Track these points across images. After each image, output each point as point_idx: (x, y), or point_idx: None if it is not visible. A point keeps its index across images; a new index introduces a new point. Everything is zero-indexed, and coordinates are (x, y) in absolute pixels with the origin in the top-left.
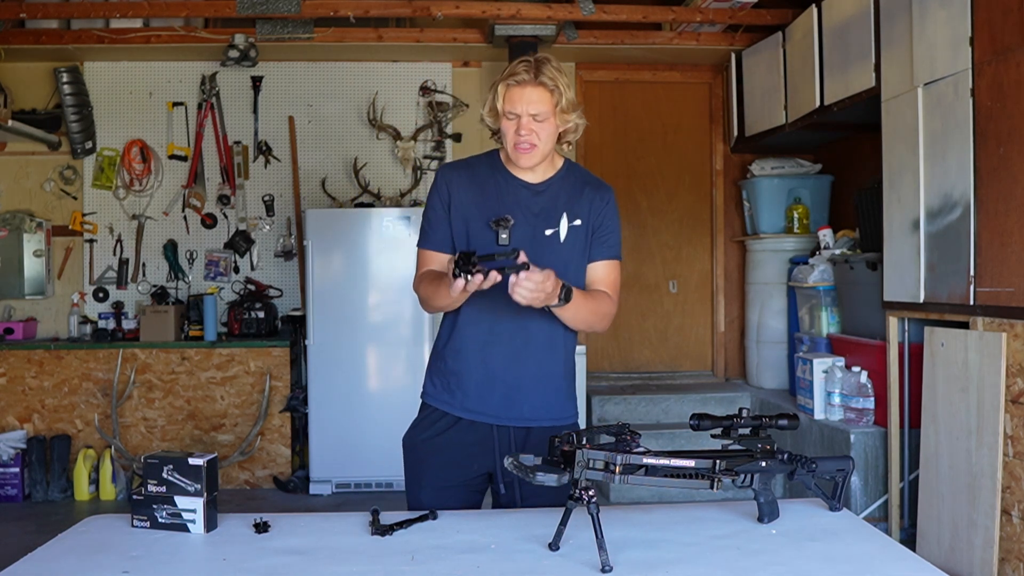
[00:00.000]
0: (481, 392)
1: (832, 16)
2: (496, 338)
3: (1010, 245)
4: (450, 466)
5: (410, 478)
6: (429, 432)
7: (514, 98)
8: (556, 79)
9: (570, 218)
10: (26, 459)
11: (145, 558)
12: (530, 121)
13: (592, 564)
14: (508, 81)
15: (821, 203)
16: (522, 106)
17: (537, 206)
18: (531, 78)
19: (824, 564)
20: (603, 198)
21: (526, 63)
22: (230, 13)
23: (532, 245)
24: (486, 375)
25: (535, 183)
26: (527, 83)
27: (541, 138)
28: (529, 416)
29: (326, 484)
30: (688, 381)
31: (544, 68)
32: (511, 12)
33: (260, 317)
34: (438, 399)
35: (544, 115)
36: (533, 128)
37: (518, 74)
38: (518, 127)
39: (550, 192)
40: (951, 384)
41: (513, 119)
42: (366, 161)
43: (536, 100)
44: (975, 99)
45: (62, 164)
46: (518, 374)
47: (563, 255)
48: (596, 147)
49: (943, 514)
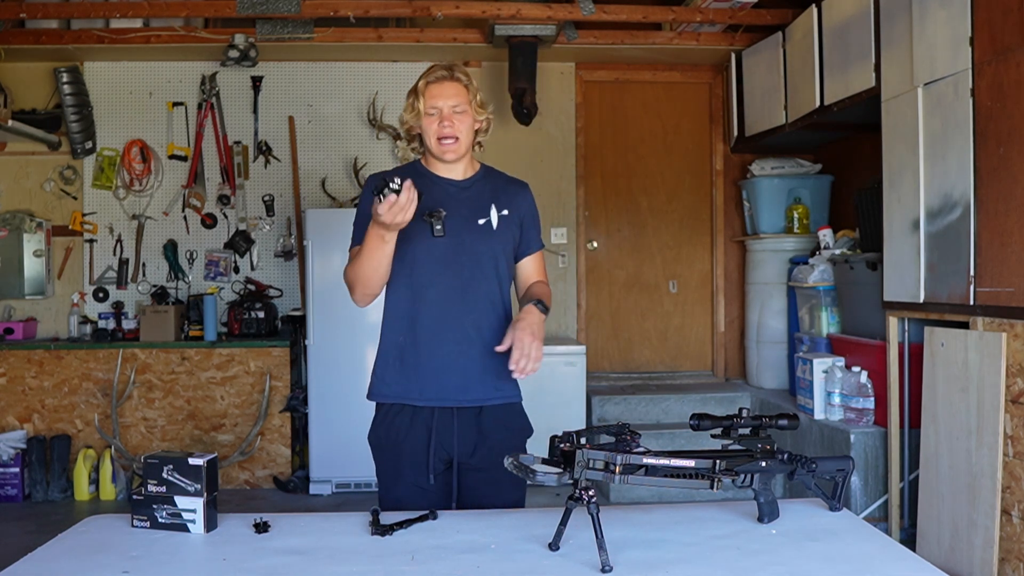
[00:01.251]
0: (439, 378)
1: (832, 16)
2: (446, 326)
3: (1010, 245)
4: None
5: (384, 477)
6: (393, 426)
7: (434, 93)
8: (469, 77)
9: (499, 208)
10: (26, 459)
11: (145, 558)
12: (451, 113)
13: (592, 564)
14: (428, 78)
15: (821, 203)
16: (442, 100)
17: (466, 199)
18: (447, 74)
19: (824, 564)
20: (525, 194)
21: (438, 65)
22: (230, 13)
23: (467, 234)
24: (442, 363)
25: (460, 180)
26: (445, 79)
27: (461, 131)
28: (482, 396)
29: (326, 484)
30: (688, 381)
31: (456, 67)
32: (511, 12)
33: (260, 317)
34: (395, 395)
35: (462, 107)
36: (454, 120)
37: (435, 71)
38: (440, 119)
39: (476, 188)
40: (951, 384)
41: (435, 114)
42: (366, 161)
43: (454, 94)
44: (975, 99)
45: (62, 164)
46: (466, 354)
47: (496, 243)
48: (596, 147)
49: (943, 514)
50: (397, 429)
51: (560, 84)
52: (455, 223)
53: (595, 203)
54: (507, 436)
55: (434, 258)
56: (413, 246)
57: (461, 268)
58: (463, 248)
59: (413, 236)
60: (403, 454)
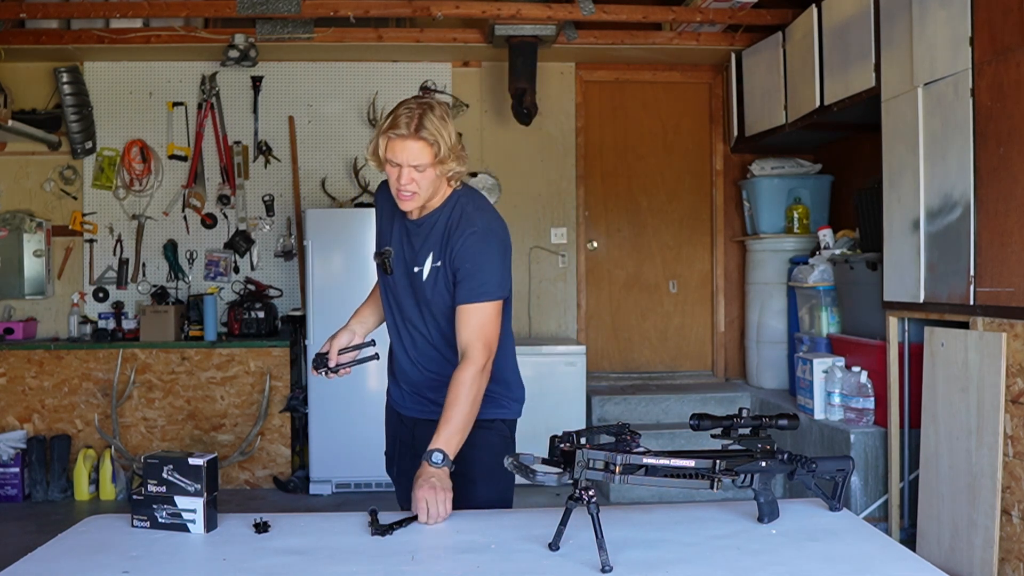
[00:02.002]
0: (399, 388)
1: (832, 16)
2: (400, 342)
3: (1010, 245)
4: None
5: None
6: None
7: (395, 149)
8: (438, 131)
9: (434, 259)
10: (26, 459)
11: (145, 558)
12: (411, 171)
13: (592, 564)
14: (389, 134)
15: (821, 203)
16: (403, 157)
17: (414, 241)
18: (411, 132)
19: (824, 564)
20: (463, 242)
21: (407, 113)
22: (230, 13)
23: (404, 278)
24: (400, 373)
25: (414, 219)
26: (407, 136)
27: (421, 186)
28: (431, 409)
29: (326, 484)
30: (688, 381)
31: (426, 120)
32: (511, 12)
33: (260, 317)
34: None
35: (423, 166)
36: (414, 177)
37: (399, 127)
38: (399, 175)
39: (422, 230)
40: (951, 384)
41: (395, 167)
42: (366, 161)
43: (416, 153)
44: (975, 99)
45: (62, 164)
46: (418, 373)
47: (426, 293)
48: (596, 147)
49: (943, 514)
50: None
51: (560, 84)
52: (397, 267)
53: (595, 203)
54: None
55: (389, 290)
56: (381, 276)
57: (401, 307)
58: (403, 291)
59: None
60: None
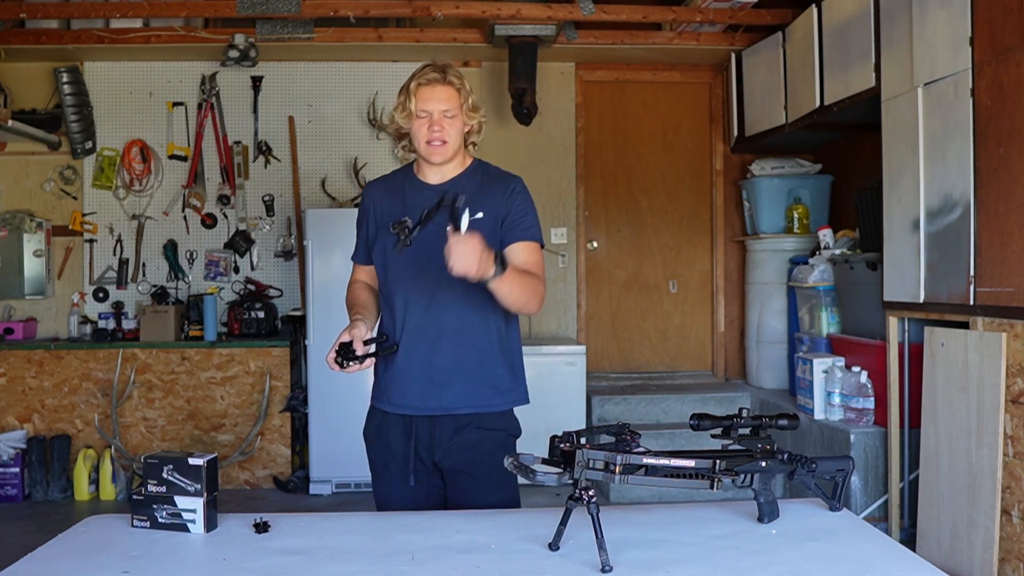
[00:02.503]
0: (401, 386)
1: (832, 16)
2: (410, 333)
3: (1010, 245)
4: (388, 460)
5: (371, 474)
6: (372, 428)
7: (426, 96)
8: (462, 79)
9: (472, 212)
10: (26, 459)
11: (145, 558)
12: (441, 118)
13: (592, 564)
14: (419, 80)
15: (821, 203)
16: (433, 104)
17: None
18: (440, 77)
19: (824, 564)
20: (506, 188)
21: (432, 66)
22: (230, 13)
23: (437, 241)
24: (405, 369)
25: (437, 184)
26: (437, 82)
27: (450, 135)
28: (448, 405)
29: (326, 484)
30: (688, 381)
31: (449, 70)
32: (511, 12)
33: (260, 317)
34: (377, 399)
35: (453, 111)
36: (444, 125)
37: (428, 74)
38: (430, 124)
39: (454, 188)
40: (951, 384)
41: (425, 117)
42: (366, 161)
43: (446, 98)
44: (975, 99)
45: (62, 164)
46: (439, 366)
47: None
48: (596, 147)
49: (943, 514)
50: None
51: (560, 84)
52: (425, 230)
53: (595, 203)
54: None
55: (402, 268)
56: (386, 256)
57: (428, 278)
58: (431, 257)
59: (386, 246)
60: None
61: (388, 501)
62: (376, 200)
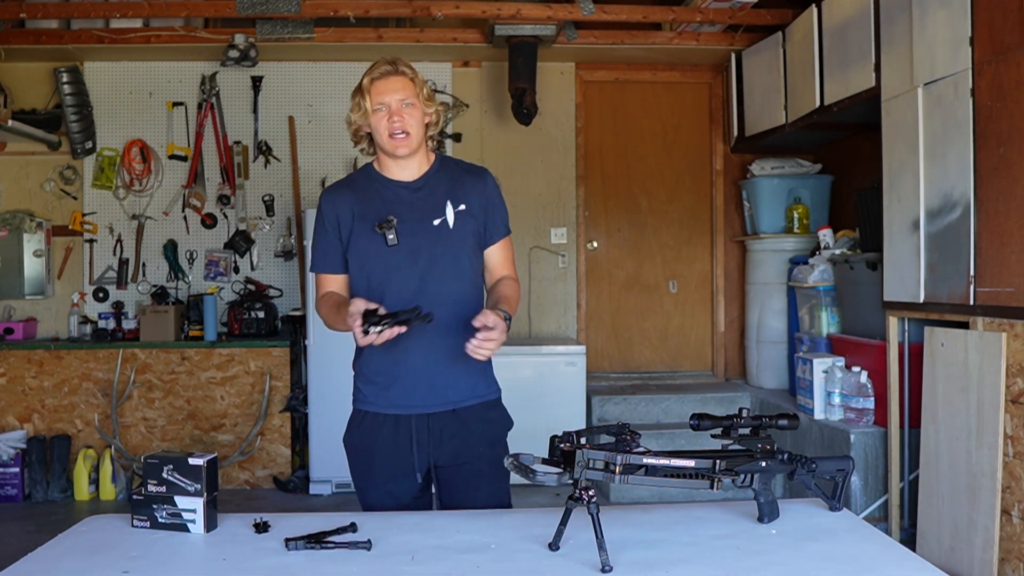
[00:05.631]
0: (406, 387)
1: (832, 16)
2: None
3: (1010, 245)
4: (385, 462)
5: (355, 479)
6: (359, 431)
7: (380, 89)
8: (414, 70)
9: (455, 204)
10: (26, 459)
11: (145, 558)
12: (400, 107)
13: (592, 564)
14: (372, 75)
15: (821, 203)
16: (389, 95)
17: (419, 201)
18: (392, 69)
19: (824, 564)
20: (484, 181)
21: (381, 60)
22: (230, 13)
23: (422, 237)
24: (407, 370)
25: (411, 181)
26: (390, 74)
27: (411, 124)
28: (455, 399)
29: (326, 484)
30: (688, 381)
31: (399, 61)
32: (511, 12)
33: (260, 317)
34: (368, 403)
35: (410, 100)
36: (403, 115)
37: (379, 67)
38: (389, 115)
39: (428, 187)
40: (951, 384)
41: (383, 110)
42: (366, 161)
43: (400, 87)
44: (975, 99)
45: (62, 164)
46: (435, 361)
47: (454, 242)
48: (596, 147)
49: (943, 514)
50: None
51: (560, 84)
52: (408, 227)
53: (595, 203)
54: (483, 430)
55: (390, 267)
56: (369, 258)
57: (417, 274)
58: (419, 253)
59: (369, 247)
60: (376, 458)
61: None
62: (343, 205)
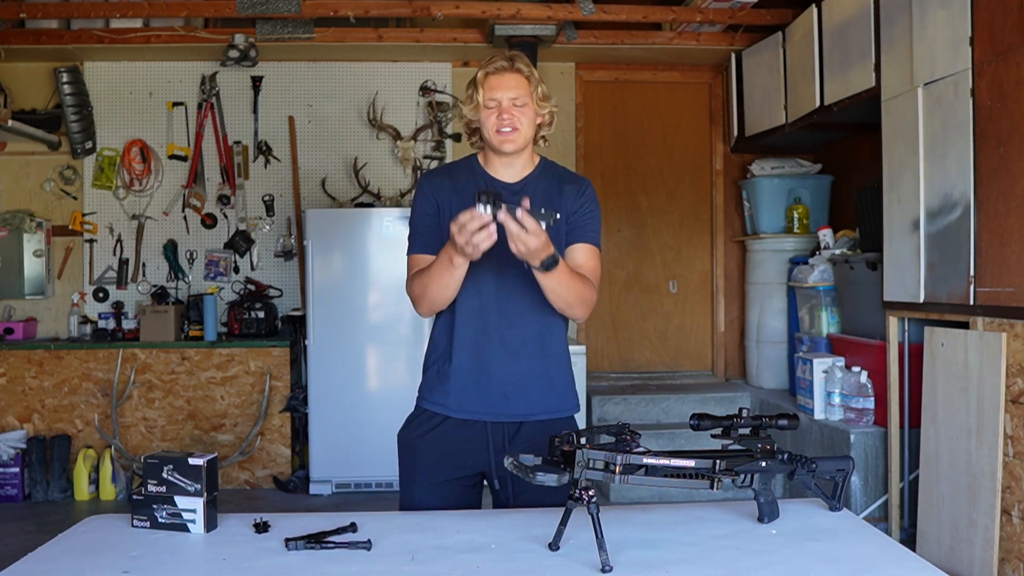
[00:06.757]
0: (476, 392)
1: (832, 16)
2: (487, 337)
3: (1010, 245)
4: (443, 463)
5: (404, 475)
6: (423, 429)
7: (494, 85)
8: (531, 68)
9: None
10: (26, 459)
11: (145, 558)
12: (511, 106)
13: (592, 564)
14: (487, 69)
15: (821, 203)
16: (502, 92)
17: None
18: (508, 65)
19: (824, 564)
20: (580, 190)
21: (500, 54)
22: (230, 13)
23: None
24: (481, 375)
25: (512, 182)
26: (505, 70)
27: (521, 123)
28: (524, 412)
29: (326, 484)
30: (688, 381)
31: (518, 58)
32: (511, 12)
33: (260, 317)
34: (434, 402)
35: (523, 99)
36: (514, 113)
37: (496, 62)
38: (499, 112)
39: (526, 191)
40: (951, 384)
41: (494, 106)
42: (366, 161)
43: (515, 85)
44: (975, 99)
45: (62, 164)
46: (512, 371)
47: None
48: (596, 147)
49: (943, 514)
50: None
51: (560, 84)
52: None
53: None
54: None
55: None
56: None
57: (502, 280)
58: (506, 259)
59: None
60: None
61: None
62: (444, 192)
